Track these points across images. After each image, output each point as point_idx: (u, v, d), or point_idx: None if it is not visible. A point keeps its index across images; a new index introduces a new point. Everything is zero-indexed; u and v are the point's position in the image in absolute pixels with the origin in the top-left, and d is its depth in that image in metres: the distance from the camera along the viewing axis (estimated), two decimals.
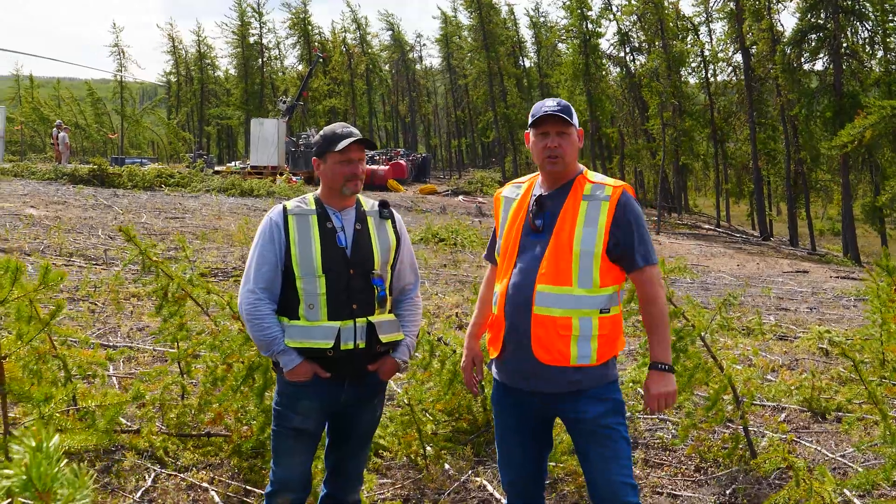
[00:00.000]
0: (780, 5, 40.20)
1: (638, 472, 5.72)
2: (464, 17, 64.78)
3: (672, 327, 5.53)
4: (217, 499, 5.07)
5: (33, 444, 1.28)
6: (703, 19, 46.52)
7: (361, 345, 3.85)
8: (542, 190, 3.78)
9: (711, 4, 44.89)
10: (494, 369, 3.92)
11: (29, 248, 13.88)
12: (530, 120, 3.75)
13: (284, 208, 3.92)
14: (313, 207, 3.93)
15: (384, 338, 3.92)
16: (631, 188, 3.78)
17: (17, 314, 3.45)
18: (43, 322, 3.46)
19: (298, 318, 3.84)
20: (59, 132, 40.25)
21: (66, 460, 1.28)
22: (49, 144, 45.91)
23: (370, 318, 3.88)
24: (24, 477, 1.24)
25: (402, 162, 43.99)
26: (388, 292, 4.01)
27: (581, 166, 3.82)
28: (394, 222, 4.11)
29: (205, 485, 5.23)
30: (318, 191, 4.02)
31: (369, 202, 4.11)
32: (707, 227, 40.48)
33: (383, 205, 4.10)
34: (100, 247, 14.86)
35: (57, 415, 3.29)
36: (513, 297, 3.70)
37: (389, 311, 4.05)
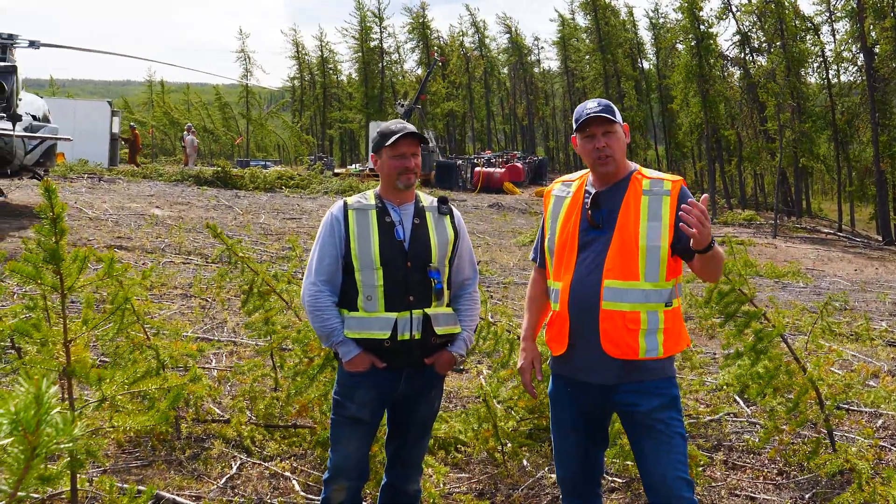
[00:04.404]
0: None
1: (718, 473, 5.66)
2: (581, 20, 64.44)
3: (753, 328, 5.48)
4: (297, 487, 5.24)
5: (32, 390, 1.43)
6: (824, 18, 44.81)
7: (417, 335, 3.95)
8: (596, 188, 3.82)
9: (833, 2, 43.24)
10: (554, 365, 3.97)
11: (150, 247, 14.46)
12: (574, 124, 3.81)
13: (345, 204, 4.07)
14: (373, 202, 4.07)
15: (440, 330, 4.01)
16: (684, 181, 3.81)
17: (86, 302, 3.71)
18: (110, 310, 3.72)
19: (357, 310, 3.97)
20: (187, 135, 41.67)
21: (57, 408, 1.43)
22: (180, 147, 47.63)
23: (426, 310, 3.99)
24: (14, 417, 1.39)
25: (518, 165, 43.89)
26: (445, 286, 4.10)
27: (633, 164, 3.86)
28: (452, 218, 4.21)
29: (287, 474, 5.42)
30: (379, 187, 4.16)
31: (428, 199, 4.21)
32: (826, 231, 39.05)
33: (442, 201, 4.20)
34: (217, 246, 15.37)
35: (119, 397, 3.50)
36: (576, 294, 3.73)
37: (447, 305, 4.15)
